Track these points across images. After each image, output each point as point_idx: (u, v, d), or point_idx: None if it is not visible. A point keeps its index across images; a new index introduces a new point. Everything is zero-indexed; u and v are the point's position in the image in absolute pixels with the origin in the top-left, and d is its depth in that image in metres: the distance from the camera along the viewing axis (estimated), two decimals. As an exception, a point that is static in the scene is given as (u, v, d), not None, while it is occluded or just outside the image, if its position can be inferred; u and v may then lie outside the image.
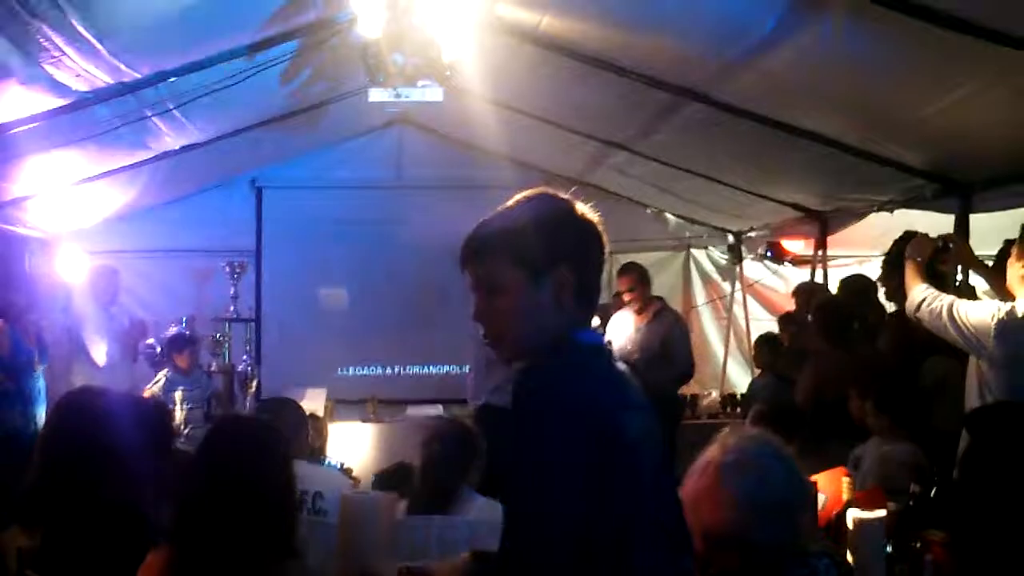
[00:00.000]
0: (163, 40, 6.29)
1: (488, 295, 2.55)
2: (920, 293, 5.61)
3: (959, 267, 6.47)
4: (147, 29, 5.99)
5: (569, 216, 2.58)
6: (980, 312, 5.35)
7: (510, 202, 2.67)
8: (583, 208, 2.62)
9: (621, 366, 2.62)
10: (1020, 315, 5.24)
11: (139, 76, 6.55)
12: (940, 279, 5.98)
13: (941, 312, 5.45)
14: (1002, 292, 5.53)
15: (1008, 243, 5.67)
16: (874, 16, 4.91)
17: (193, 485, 3.40)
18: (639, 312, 9.39)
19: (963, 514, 3.60)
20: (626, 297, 9.44)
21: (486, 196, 11.52)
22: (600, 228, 2.62)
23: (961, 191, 6.95)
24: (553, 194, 2.65)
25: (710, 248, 12.46)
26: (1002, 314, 5.26)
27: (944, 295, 5.53)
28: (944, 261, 5.96)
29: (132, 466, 3.38)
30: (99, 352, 9.22)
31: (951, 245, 5.97)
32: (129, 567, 3.23)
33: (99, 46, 5.73)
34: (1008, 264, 5.46)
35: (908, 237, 6.60)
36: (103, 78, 6.28)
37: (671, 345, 9.23)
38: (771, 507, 3.05)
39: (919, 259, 5.78)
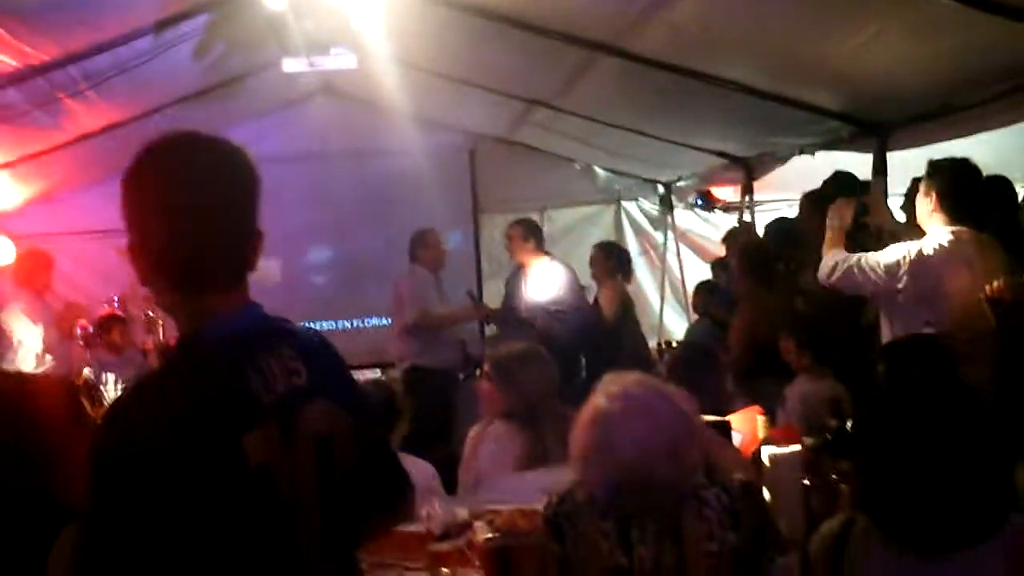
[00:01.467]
0: (68, 20, 6.22)
1: None
2: (830, 260, 5.66)
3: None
4: (49, 9, 5.91)
5: None
6: (890, 255, 5.43)
7: None
8: None
9: None
10: (928, 251, 5.32)
11: (47, 59, 6.49)
12: (867, 233, 6.09)
13: (852, 269, 5.51)
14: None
15: (916, 180, 5.74)
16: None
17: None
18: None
19: (870, 444, 3.66)
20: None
21: (412, 160, 11.64)
22: None
23: (877, 131, 7.01)
24: None
25: (641, 199, 12.49)
26: (912, 253, 5.34)
27: (852, 255, 5.59)
28: (866, 220, 6.03)
29: (36, 448, 3.37)
30: (35, 337, 9.15)
31: (867, 203, 6.04)
32: (38, 549, 3.23)
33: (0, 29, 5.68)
34: (916, 201, 5.55)
35: (838, 177, 6.69)
36: (9, 61, 6.22)
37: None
38: (666, 447, 3.14)
39: (838, 225, 5.83)
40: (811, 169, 8.05)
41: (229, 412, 2.13)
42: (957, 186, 5.45)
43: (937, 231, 5.41)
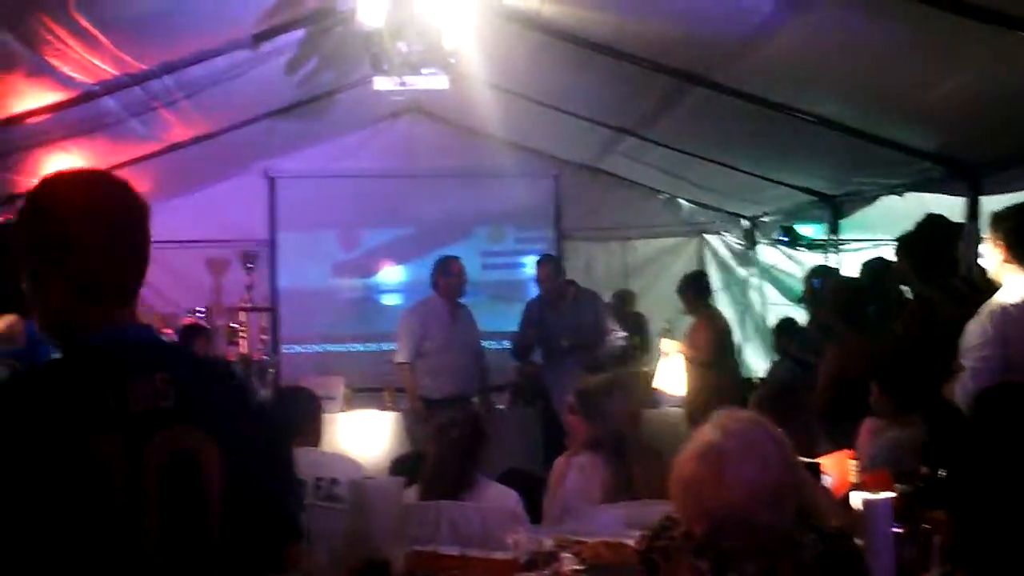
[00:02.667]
0: (167, 31, 6.31)
1: None
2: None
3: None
4: (149, 20, 6.00)
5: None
6: (973, 331, 5.33)
7: None
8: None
9: None
10: (1009, 304, 5.24)
11: (144, 68, 6.57)
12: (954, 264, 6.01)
13: (965, 378, 5.37)
14: None
15: None
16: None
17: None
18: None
19: (964, 494, 3.60)
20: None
21: (497, 183, 11.73)
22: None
23: (970, 174, 6.92)
24: None
25: (724, 233, 12.43)
26: (991, 316, 5.26)
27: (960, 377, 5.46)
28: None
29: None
30: None
31: None
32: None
33: (102, 38, 5.76)
34: (988, 255, 5.48)
35: (930, 221, 6.59)
36: (108, 70, 6.31)
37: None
38: (772, 489, 3.07)
39: None
40: (899, 209, 7.96)
41: (78, 415, 2.21)
42: (1022, 230, 5.37)
43: (1013, 281, 5.32)
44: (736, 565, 3.14)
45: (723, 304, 11.79)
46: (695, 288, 9.84)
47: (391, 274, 12.31)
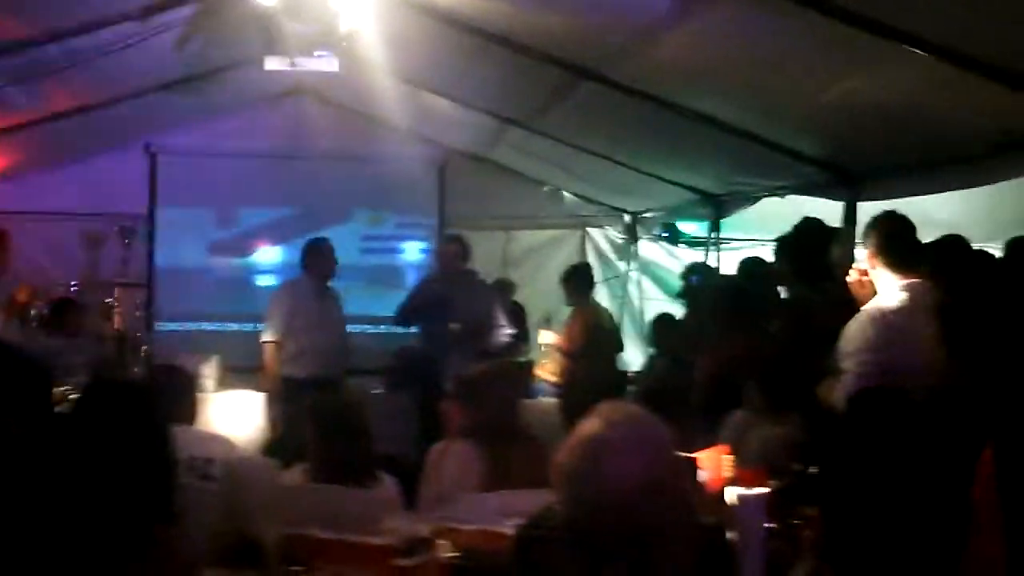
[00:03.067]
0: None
1: None
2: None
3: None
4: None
5: None
6: (854, 336, 5.46)
7: None
8: None
9: None
10: (884, 309, 5.38)
11: (29, 34, 6.43)
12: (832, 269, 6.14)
13: (847, 381, 5.48)
14: None
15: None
16: (765, 3, 4.97)
17: (66, 449, 3.37)
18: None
19: (834, 492, 3.69)
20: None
21: (382, 168, 11.70)
22: None
23: (850, 179, 7.06)
24: None
25: (607, 227, 12.54)
26: (869, 319, 5.40)
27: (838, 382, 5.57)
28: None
29: (5, 422, 3.33)
30: None
31: None
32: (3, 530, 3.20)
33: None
34: (864, 261, 5.62)
35: (807, 223, 6.72)
36: (-11, 35, 6.19)
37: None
38: (650, 482, 3.11)
39: None
40: (778, 211, 8.11)
41: None
42: (893, 237, 5.52)
43: (889, 286, 5.47)
44: (612, 556, 3.17)
45: (602, 297, 11.90)
46: (577, 280, 9.93)
47: (268, 254, 12.22)
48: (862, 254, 6.25)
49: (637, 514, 3.09)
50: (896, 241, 5.52)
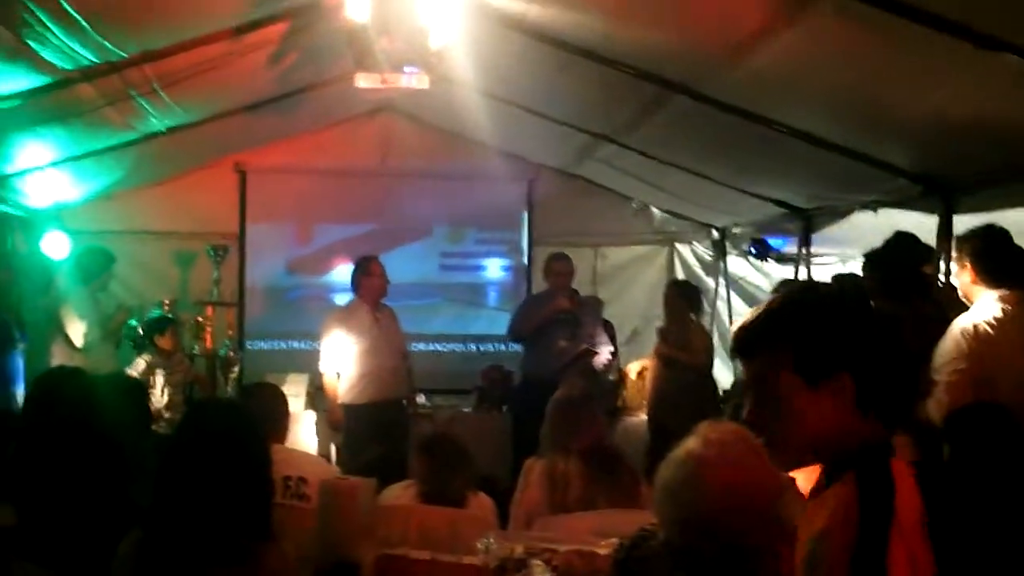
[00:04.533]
0: (149, 19, 6.25)
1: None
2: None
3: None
4: (133, 8, 5.95)
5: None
6: (947, 347, 5.38)
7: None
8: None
9: None
10: (976, 322, 5.30)
11: (125, 55, 6.51)
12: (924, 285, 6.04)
13: (939, 394, 5.40)
14: None
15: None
16: (860, 14, 4.90)
17: (169, 467, 3.40)
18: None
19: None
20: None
21: (472, 186, 11.73)
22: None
23: (944, 192, 6.94)
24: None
25: (694, 243, 12.46)
26: (964, 334, 5.32)
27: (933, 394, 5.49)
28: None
29: (110, 445, 3.37)
30: (77, 333, 9.16)
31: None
32: (107, 547, 3.22)
33: (84, 23, 5.70)
34: (956, 275, 5.54)
35: (899, 238, 6.61)
36: (88, 57, 6.26)
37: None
38: (750, 500, 3.07)
39: None
40: (870, 225, 7.99)
41: None
42: (989, 249, 5.44)
43: (982, 300, 5.39)
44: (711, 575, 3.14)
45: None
46: (688, 296, 9.84)
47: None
48: (956, 270, 6.17)
49: (737, 533, 3.06)
50: (989, 253, 5.45)
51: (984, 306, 5.39)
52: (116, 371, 8.60)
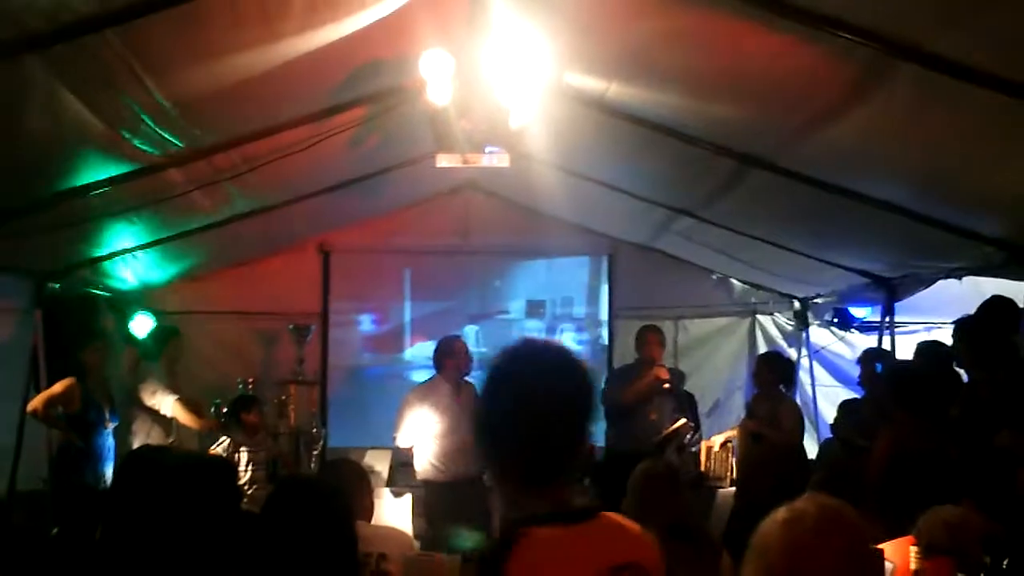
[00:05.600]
0: (235, 107, 6.41)
1: None
2: None
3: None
4: (220, 96, 6.08)
5: None
6: None
7: None
8: None
9: None
10: None
11: (211, 141, 6.67)
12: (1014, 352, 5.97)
13: None
14: None
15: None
16: (936, 84, 4.91)
17: (257, 546, 3.43)
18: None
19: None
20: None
21: (553, 262, 11.76)
22: None
23: (1031, 258, 6.88)
24: None
25: (776, 314, 12.39)
26: None
27: None
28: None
29: (198, 526, 3.40)
30: (163, 404, 9.31)
31: None
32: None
33: (174, 112, 5.85)
34: None
35: (993, 303, 6.54)
36: (176, 143, 6.41)
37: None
38: (847, 559, 3.06)
39: None
40: (953, 293, 7.92)
41: None
42: None
43: None
44: None
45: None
46: (780, 369, 9.74)
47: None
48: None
49: None
50: None
51: None
52: (200, 451, 8.71)
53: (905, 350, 8.82)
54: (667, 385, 9.63)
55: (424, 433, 9.29)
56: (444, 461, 9.25)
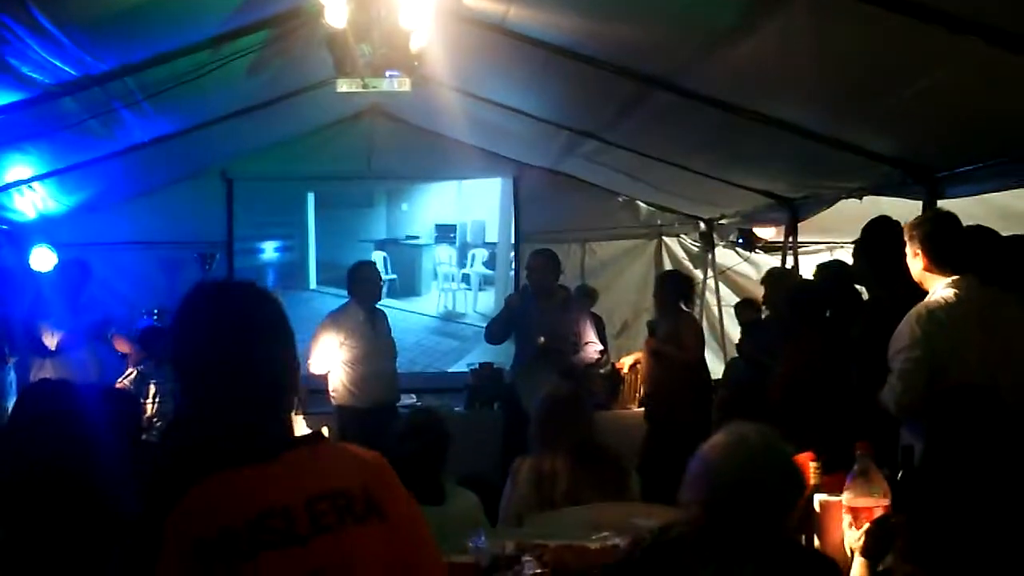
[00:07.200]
0: (128, 32, 6.27)
1: None
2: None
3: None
4: (112, 21, 5.95)
5: None
6: (901, 334, 5.40)
7: None
8: None
9: None
10: (929, 307, 5.33)
11: (105, 68, 6.53)
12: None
13: (893, 380, 5.44)
14: None
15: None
16: (840, 4, 4.93)
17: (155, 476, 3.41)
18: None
19: (923, 497, 3.65)
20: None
21: (463, 186, 11.79)
22: None
23: (927, 178, 6.96)
24: None
25: (681, 236, 12.51)
26: (915, 318, 5.34)
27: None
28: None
29: (99, 456, 3.37)
30: (51, 341, 9.15)
31: None
32: (97, 559, 3.23)
33: (63, 38, 5.71)
34: (910, 262, 5.56)
35: (881, 222, 6.63)
36: (69, 71, 6.27)
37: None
38: (785, 464, 3.32)
39: None
40: (855, 212, 8.01)
41: None
42: (938, 235, 5.46)
43: (936, 286, 5.41)
44: (742, 559, 3.21)
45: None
46: (678, 287, 9.70)
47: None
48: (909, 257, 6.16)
49: (771, 518, 3.17)
50: (939, 239, 5.45)
51: (936, 292, 5.41)
52: (104, 381, 8.62)
53: (808, 270, 8.92)
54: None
55: (339, 359, 9.21)
56: (360, 386, 9.16)
